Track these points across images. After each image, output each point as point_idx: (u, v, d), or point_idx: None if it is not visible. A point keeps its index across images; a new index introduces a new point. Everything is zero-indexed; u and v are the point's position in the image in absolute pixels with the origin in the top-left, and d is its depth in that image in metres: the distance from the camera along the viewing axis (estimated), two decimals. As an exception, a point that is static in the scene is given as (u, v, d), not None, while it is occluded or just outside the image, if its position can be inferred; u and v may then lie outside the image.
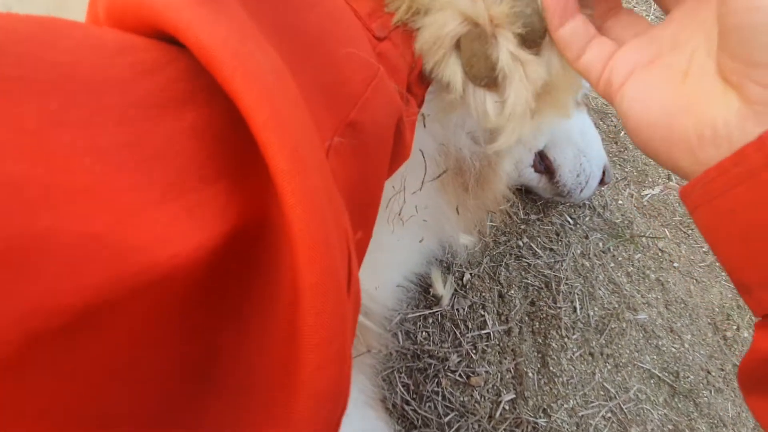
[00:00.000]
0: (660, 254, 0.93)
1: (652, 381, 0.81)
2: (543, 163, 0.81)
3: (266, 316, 0.19)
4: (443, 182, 0.52)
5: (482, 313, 0.79)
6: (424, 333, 0.76)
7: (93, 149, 0.15)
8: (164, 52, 0.18)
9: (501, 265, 0.84)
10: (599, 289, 0.86)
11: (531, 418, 0.73)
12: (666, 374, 0.82)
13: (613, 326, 0.83)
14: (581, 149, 0.79)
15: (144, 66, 0.17)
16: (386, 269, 0.58)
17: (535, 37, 0.33)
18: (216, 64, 0.17)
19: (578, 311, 0.83)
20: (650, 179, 1.03)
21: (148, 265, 0.15)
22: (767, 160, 0.21)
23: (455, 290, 0.80)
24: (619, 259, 0.91)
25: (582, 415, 0.76)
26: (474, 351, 0.76)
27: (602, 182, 0.84)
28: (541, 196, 0.89)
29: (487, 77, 0.34)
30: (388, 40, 0.32)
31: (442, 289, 0.79)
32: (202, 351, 0.18)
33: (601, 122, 1.07)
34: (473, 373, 0.75)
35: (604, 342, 0.82)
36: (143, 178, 0.16)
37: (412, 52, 0.34)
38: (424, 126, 0.41)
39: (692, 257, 0.94)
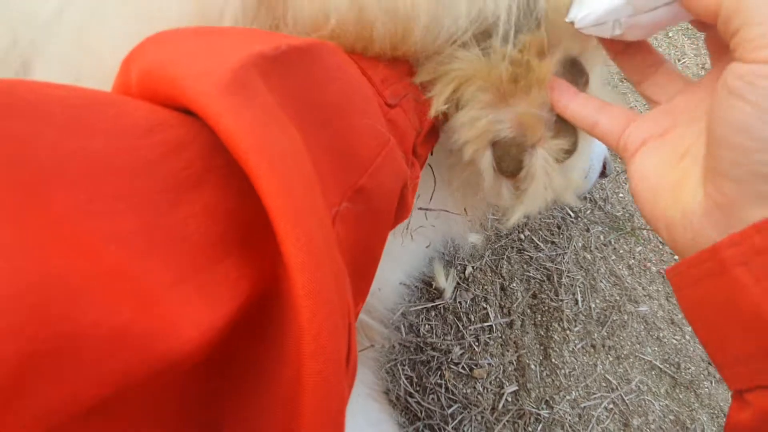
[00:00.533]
0: (661, 246, 0.93)
1: (653, 372, 0.81)
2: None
3: (270, 380, 0.20)
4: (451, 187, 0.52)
5: (484, 305, 0.80)
6: (426, 326, 0.77)
7: (117, 236, 0.16)
8: (189, 128, 0.19)
9: (503, 258, 0.84)
10: (600, 281, 0.87)
11: (533, 410, 0.73)
12: (667, 366, 0.82)
13: (614, 318, 0.84)
14: (582, 142, 0.79)
15: (170, 145, 0.18)
16: (391, 273, 0.58)
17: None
18: (242, 154, 0.18)
19: (580, 304, 0.83)
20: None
21: (163, 353, 0.15)
22: (715, 269, 0.23)
23: (457, 283, 0.80)
24: (621, 251, 0.91)
25: (584, 407, 0.76)
26: (476, 343, 0.76)
27: (603, 174, 0.84)
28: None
29: (510, 172, 0.37)
30: (399, 107, 0.34)
31: (444, 282, 0.79)
32: (205, 419, 0.19)
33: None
34: (476, 365, 0.75)
35: (605, 334, 0.82)
36: (160, 262, 0.16)
37: (419, 116, 0.36)
38: (431, 154, 0.43)
39: (693, 249, 0.95)
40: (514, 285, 0.82)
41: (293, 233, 0.18)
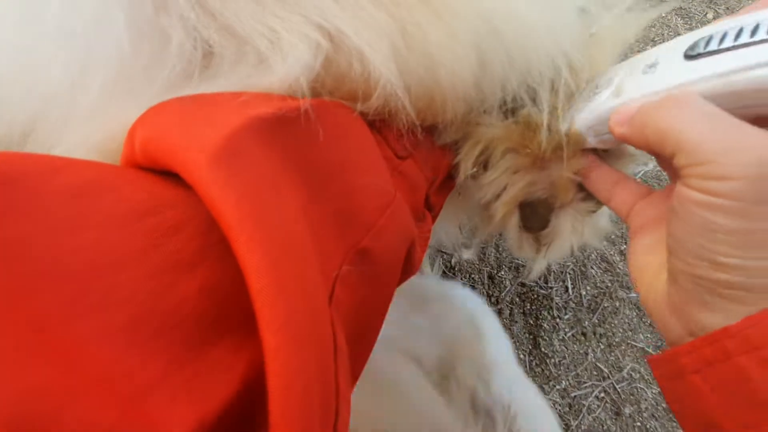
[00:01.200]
0: (653, 231, 0.92)
1: (645, 360, 0.80)
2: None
3: None
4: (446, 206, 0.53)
5: (471, 295, 0.78)
6: (412, 316, 0.75)
7: (101, 335, 0.15)
8: (187, 207, 0.19)
9: (490, 246, 0.82)
10: (591, 268, 0.85)
11: (522, 400, 0.72)
12: (660, 352, 0.80)
13: (605, 305, 0.82)
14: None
15: (167, 225, 0.18)
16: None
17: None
18: (225, 227, 0.17)
19: (570, 291, 0.81)
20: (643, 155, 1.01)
21: None
22: (676, 372, 0.24)
23: (444, 272, 0.78)
24: (612, 237, 0.89)
25: (575, 396, 0.75)
26: (463, 333, 0.75)
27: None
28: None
29: (535, 229, 0.38)
30: (411, 158, 0.33)
31: (431, 271, 0.77)
32: None
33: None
34: (463, 356, 0.73)
35: (596, 321, 0.80)
36: (149, 355, 0.16)
37: (433, 165, 0.35)
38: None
39: (686, 234, 0.93)
40: (503, 273, 0.80)
41: (269, 314, 0.17)
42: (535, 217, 0.37)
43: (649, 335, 0.81)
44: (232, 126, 0.20)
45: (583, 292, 0.82)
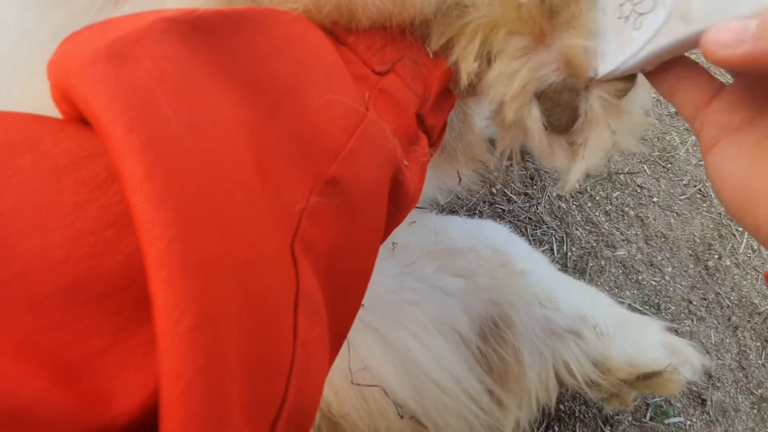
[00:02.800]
0: (639, 190, 0.92)
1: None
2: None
3: None
4: (436, 164, 0.50)
5: (458, 262, 0.80)
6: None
7: (33, 303, 0.14)
8: None
9: (474, 214, 0.84)
10: (576, 229, 0.86)
11: (511, 359, 0.74)
12: (647, 307, 0.82)
13: (591, 265, 0.83)
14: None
15: (97, 179, 0.16)
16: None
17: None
18: (99, 132, 0.15)
19: (555, 253, 0.83)
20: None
21: (87, 429, 0.13)
22: None
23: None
24: (597, 198, 0.90)
25: (563, 353, 0.77)
26: (451, 299, 0.77)
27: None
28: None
29: (564, 126, 0.32)
30: (392, 73, 0.28)
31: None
32: None
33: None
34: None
35: (583, 281, 0.82)
36: (93, 321, 0.14)
37: (423, 80, 0.30)
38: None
39: (672, 191, 0.93)
40: (488, 239, 0.82)
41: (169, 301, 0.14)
42: (560, 108, 0.31)
43: (635, 291, 0.83)
44: (126, 29, 0.17)
45: (569, 254, 0.84)
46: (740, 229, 0.91)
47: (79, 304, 0.14)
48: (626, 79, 0.30)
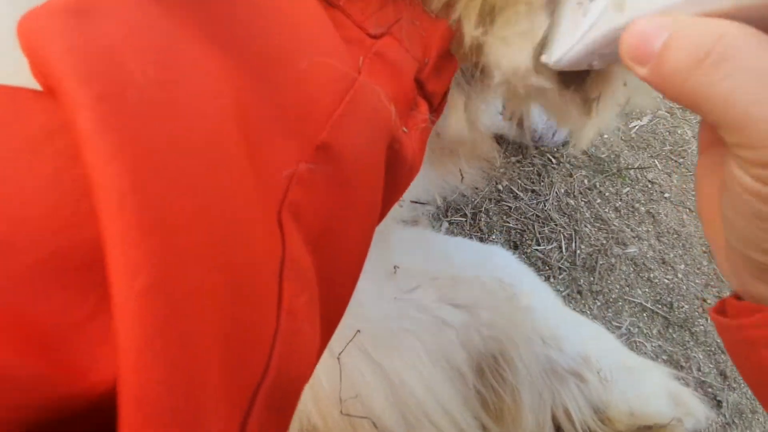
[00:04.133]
0: (650, 186, 0.90)
1: (644, 314, 0.79)
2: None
3: None
4: (433, 162, 0.49)
5: (464, 260, 0.78)
6: (404, 285, 0.76)
7: (5, 278, 0.13)
8: None
9: (480, 212, 0.82)
10: (585, 226, 0.84)
11: (518, 360, 0.72)
12: (659, 306, 0.80)
13: (601, 262, 0.81)
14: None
15: (71, 150, 0.15)
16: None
17: None
18: (55, 87, 0.13)
19: (564, 250, 0.81)
20: (638, 110, 0.99)
21: (62, 398, 0.13)
22: (746, 340, 0.21)
23: (434, 240, 0.79)
24: (606, 194, 0.88)
25: (572, 353, 0.75)
26: (456, 299, 0.75)
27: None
28: (515, 141, 0.86)
29: (576, 81, 0.30)
30: (389, 35, 0.27)
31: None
32: None
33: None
34: (457, 320, 0.74)
35: (592, 279, 0.80)
36: (73, 294, 0.14)
37: (422, 43, 0.28)
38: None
39: (684, 186, 0.91)
40: (494, 237, 0.80)
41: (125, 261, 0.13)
42: None
43: (647, 289, 0.81)
44: None
45: (578, 252, 0.82)
46: (756, 224, 0.88)
47: (55, 278, 0.14)
48: None
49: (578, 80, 0.30)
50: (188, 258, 0.14)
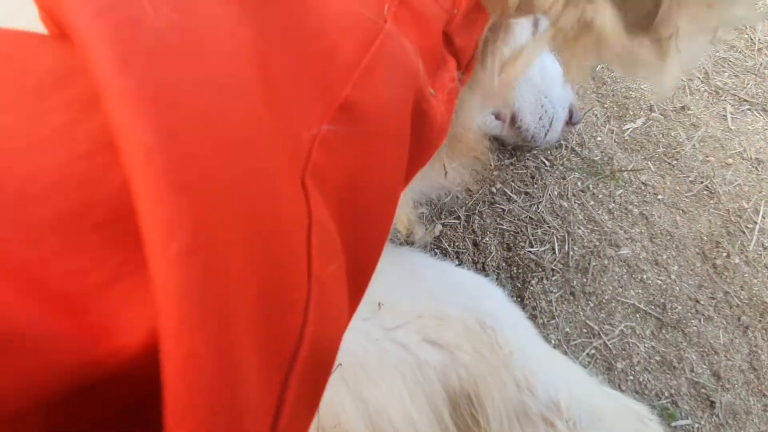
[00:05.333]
0: (643, 188, 0.90)
1: (637, 315, 0.80)
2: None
3: None
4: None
5: (457, 263, 0.79)
6: (398, 287, 0.76)
7: (27, 231, 0.12)
8: None
9: (474, 214, 0.83)
10: (578, 228, 0.85)
11: (511, 361, 0.73)
12: (652, 307, 0.80)
13: (594, 264, 0.82)
14: (541, 90, 0.76)
15: (83, 98, 0.14)
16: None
17: None
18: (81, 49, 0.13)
19: (557, 252, 0.82)
20: (631, 113, 0.99)
21: (88, 362, 0.12)
22: None
23: (427, 244, 0.80)
24: (599, 196, 0.88)
25: (565, 353, 0.75)
26: (450, 300, 0.76)
27: (570, 123, 0.81)
28: (508, 142, 0.87)
29: (645, 18, 0.26)
30: None
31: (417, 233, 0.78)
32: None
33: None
34: (450, 322, 0.75)
35: (585, 281, 0.81)
36: (91, 256, 0.13)
37: None
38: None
39: (677, 188, 0.91)
40: (487, 239, 0.81)
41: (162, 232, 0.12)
42: (634, 2, 0.26)
43: (640, 291, 0.81)
44: None
45: (570, 253, 0.82)
46: (750, 226, 0.88)
47: (76, 235, 0.13)
48: None
49: (645, 21, 0.26)
50: (223, 220, 0.13)
